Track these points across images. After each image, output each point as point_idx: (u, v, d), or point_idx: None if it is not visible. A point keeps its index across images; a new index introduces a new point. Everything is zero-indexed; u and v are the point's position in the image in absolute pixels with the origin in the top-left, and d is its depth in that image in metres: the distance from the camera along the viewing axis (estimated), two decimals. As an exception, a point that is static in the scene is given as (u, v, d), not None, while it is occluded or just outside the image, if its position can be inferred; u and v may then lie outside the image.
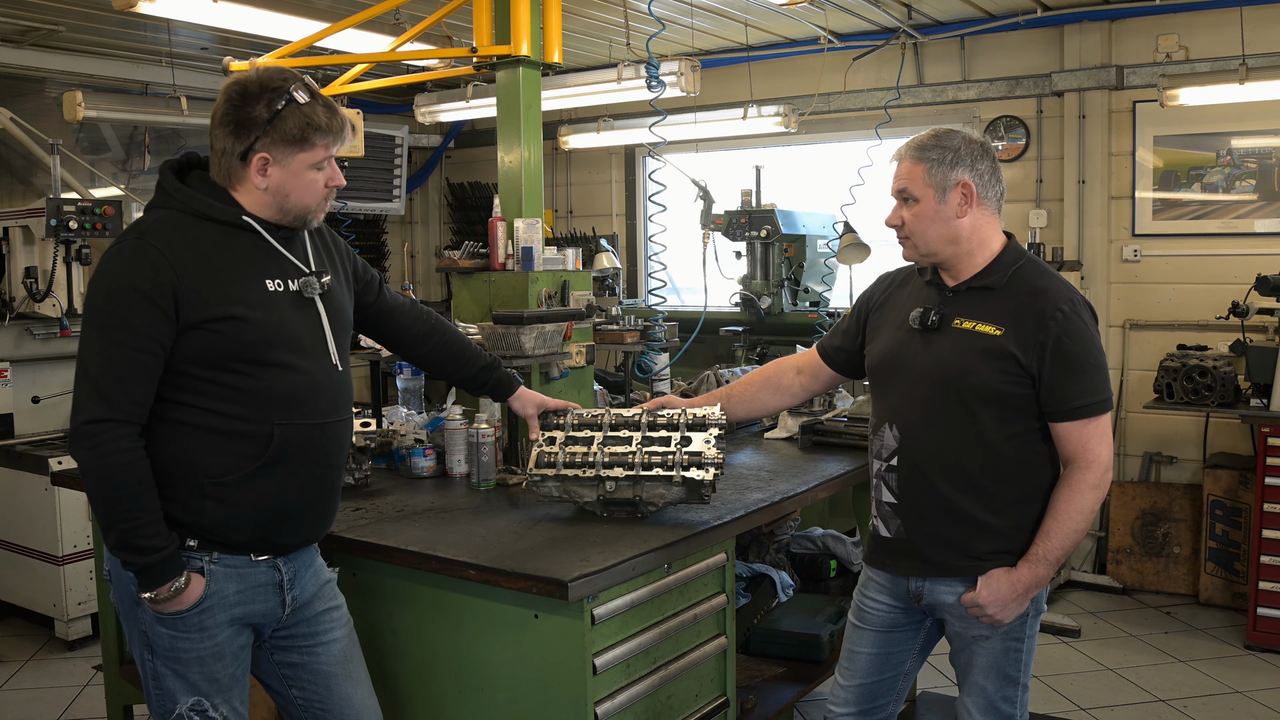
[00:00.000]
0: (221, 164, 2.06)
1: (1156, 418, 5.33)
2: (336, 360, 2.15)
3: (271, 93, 2.01)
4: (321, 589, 2.22)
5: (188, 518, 2.01)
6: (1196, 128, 5.17)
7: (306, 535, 2.17)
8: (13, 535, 4.69)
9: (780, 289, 5.51)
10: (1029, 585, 2.22)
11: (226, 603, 2.05)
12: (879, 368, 2.42)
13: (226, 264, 2.02)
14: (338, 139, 2.09)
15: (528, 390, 2.73)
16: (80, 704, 4.05)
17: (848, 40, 5.82)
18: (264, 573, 2.10)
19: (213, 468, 2.00)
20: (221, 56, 3.90)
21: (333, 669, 2.21)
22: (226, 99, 2.03)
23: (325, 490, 2.16)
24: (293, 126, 2.01)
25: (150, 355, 1.94)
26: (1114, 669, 4.31)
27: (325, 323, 2.14)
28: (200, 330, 1.96)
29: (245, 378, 2.00)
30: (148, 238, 1.98)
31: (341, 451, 2.20)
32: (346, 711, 2.22)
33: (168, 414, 1.99)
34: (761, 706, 2.97)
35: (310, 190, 2.09)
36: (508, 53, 3.59)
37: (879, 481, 2.38)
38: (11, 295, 4.72)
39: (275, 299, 2.06)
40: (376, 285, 2.47)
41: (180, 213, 2.03)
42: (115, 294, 1.94)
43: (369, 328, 2.54)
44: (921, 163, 2.26)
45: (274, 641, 2.18)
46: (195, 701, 2.04)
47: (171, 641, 2.02)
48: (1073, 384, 2.19)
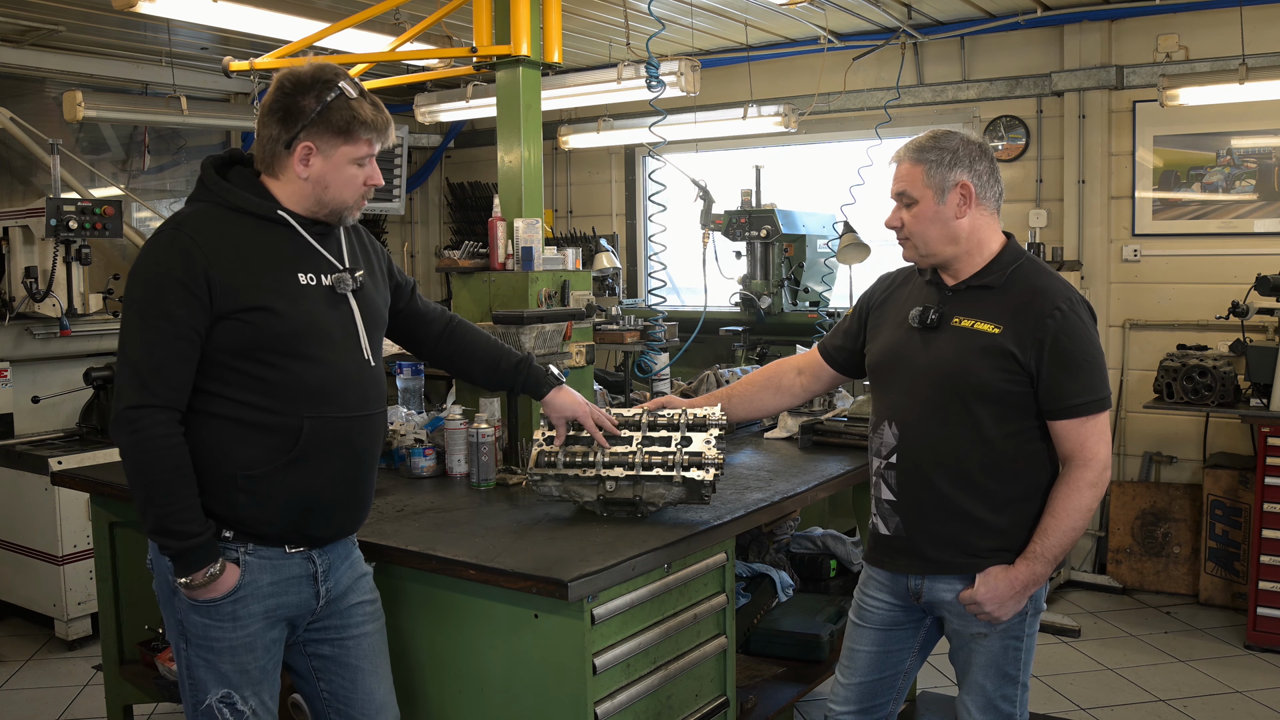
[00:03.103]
0: (266, 151, 2.09)
1: (1156, 417, 5.33)
2: (369, 355, 2.17)
3: (323, 85, 2.05)
4: (356, 582, 2.23)
5: (221, 510, 2.03)
6: (1196, 128, 5.17)
7: (339, 528, 2.18)
8: (13, 535, 4.69)
9: (780, 289, 5.51)
10: (1027, 583, 2.23)
11: (260, 593, 2.07)
12: (879, 366, 2.43)
13: (259, 256, 2.05)
14: (381, 137, 2.12)
15: (565, 393, 2.58)
16: (80, 704, 4.05)
17: (848, 40, 5.82)
18: (298, 565, 2.11)
19: (244, 460, 2.02)
20: (221, 56, 3.90)
21: (360, 663, 2.22)
22: (279, 87, 2.07)
23: (357, 484, 2.17)
24: (339, 119, 2.05)
25: (188, 342, 1.97)
26: (1114, 669, 4.31)
27: (358, 318, 2.16)
28: (231, 320, 1.99)
29: (275, 369, 2.02)
30: (183, 228, 2.02)
31: (374, 445, 2.21)
32: (368, 705, 2.23)
33: (201, 406, 2.02)
34: (761, 706, 2.97)
35: (349, 185, 2.11)
36: (508, 53, 3.60)
37: (878, 479, 2.39)
38: (11, 295, 4.72)
39: (306, 292, 2.08)
40: (409, 290, 2.48)
41: (217, 206, 2.07)
42: (153, 282, 1.98)
43: (397, 332, 2.53)
44: (920, 164, 2.27)
45: (308, 634, 2.19)
46: (225, 694, 2.06)
47: (205, 630, 2.04)
48: (1070, 382, 2.20)
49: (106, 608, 3.20)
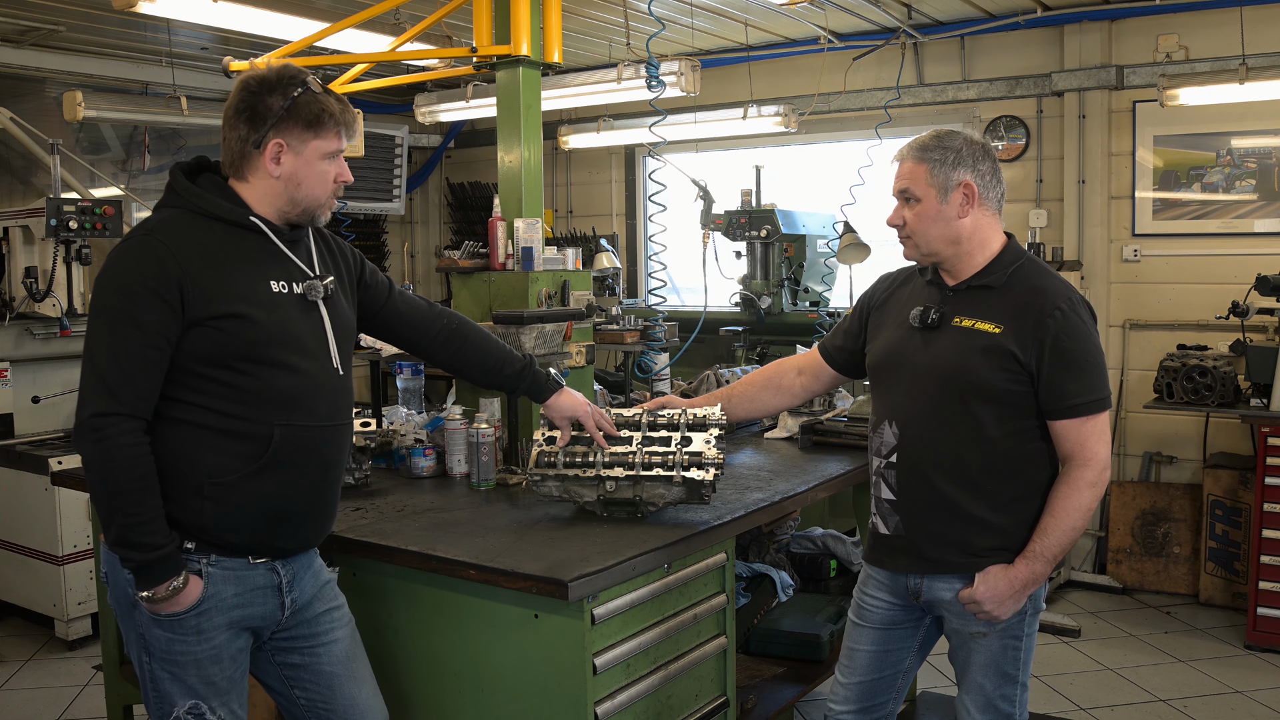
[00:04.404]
0: (234, 153, 2.08)
1: (1156, 418, 5.33)
2: (338, 364, 2.16)
3: (288, 81, 2.06)
4: (321, 590, 2.22)
5: (186, 518, 2.00)
6: (1196, 128, 5.17)
7: (305, 539, 2.17)
8: (13, 535, 4.69)
9: (780, 289, 5.51)
10: (1026, 582, 2.23)
11: (224, 605, 2.04)
12: (879, 365, 2.43)
13: (231, 263, 2.03)
14: (349, 131, 2.13)
15: (566, 395, 2.59)
16: (80, 704, 4.05)
17: (848, 40, 5.82)
18: (262, 575, 2.09)
19: (212, 467, 2.00)
20: (221, 56, 3.90)
21: (335, 669, 2.21)
22: (243, 88, 2.07)
23: (324, 494, 2.16)
24: (308, 113, 2.06)
25: (157, 350, 1.95)
26: (1114, 669, 4.31)
27: (328, 326, 2.15)
28: (203, 327, 1.97)
29: (246, 377, 2.01)
30: (155, 234, 1.99)
31: (341, 456, 2.20)
32: (351, 711, 2.22)
33: (169, 412, 1.99)
34: (761, 706, 2.97)
35: (321, 181, 2.11)
36: (508, 53, 3.59)
37: (878, 478, 2.39)
38: (11, 295, 4.72)
39: (279, 299, 2.07)
40: (386, 289, 2.44)
41: (188, 212, 2.05)
42: (123, 289, 1.95)
43: (382, 332, 2.51)
44: (924, 163, 2.27)
45: (274, 643, 2.18)
46: (193, 705, 2.04)
47: (169, 644, 2.02)
48: (1071, 382, 2.20)
49: (106, 608, 3.19)
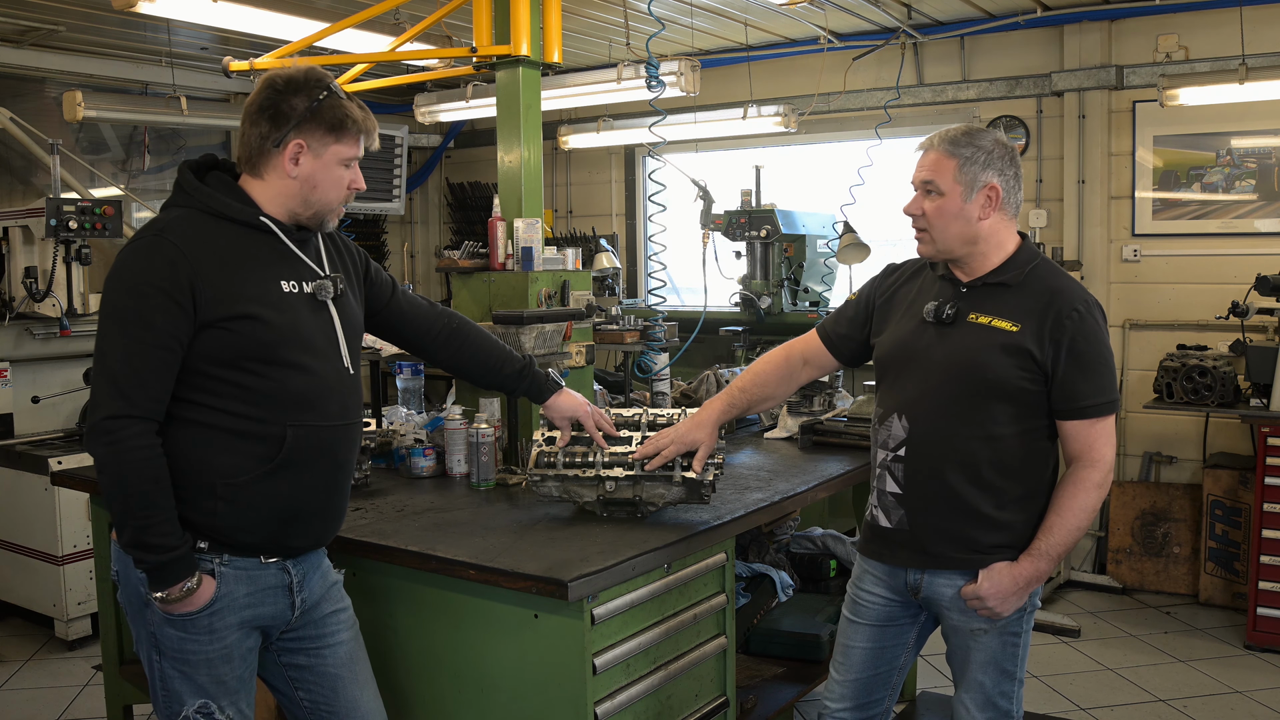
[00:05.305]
0: (252, 149, 2.07)
1: (1156, 418, 5.33)
2: (348, 363, 2.16)
3: (314, 84, 2.06)
4: (329, 591, 2.22)
5: (199, 518, 2.01)
6: (1196, 128, 5.17)
7: (316, 538, 2.17)
8: (13, 535, 4.69)
9: (780, 289, 5.51)
10: (1030, 579, 2.24)
11: (236, 605, 2.05)
12: (889, 358, 2.41)
13: (242, 263, 2.02)
14: (369, 138, 2.13)
15: (565, 395, 2.61)
16: (80, 704, 4.05)
17: (848, 40, 5.82)
18: (273, 575, 2.10)
19: (225, 468, 2.00)
20: (221, 56, 3.90)
21: (339, 671, 2.21)
22: (269, 86, 2.06)
23: (335, 493, 2.17)
24: (331, 117, 2.05)
25: (169, 352, 1.94)
26: (1114, 669, 4.31)
27: (338, 325, 2.15)
28: (215, 329, 1.97)
29: (258, 378, 2.01)
30: (166, 235, 1.98)
31: (352, 455, 2.21)
32: (352, 714, 2.22)
33: (181, 413, 1.99)
34: (761, 706, 2.97)
35: (336, 186, 2.11)
36: (508, 53, 3.59)
37: (883, 471, 2.37)
38: (11, 295, 4.72)
39: (290, 300, 2.07)
40: (389, 288, 2.45)
41: (198, 211, 2.04)
42: (135, 290, 1.94)
43: (385, 331, 2.52)
44: (954, 158, 2.24)
45: (281, 643, 2.18)
46: (202, 704, 2.04)
47: (180, 643, 2.02)
48: (1084, 383, 2.20)
49: (106, 608, 3.19)
